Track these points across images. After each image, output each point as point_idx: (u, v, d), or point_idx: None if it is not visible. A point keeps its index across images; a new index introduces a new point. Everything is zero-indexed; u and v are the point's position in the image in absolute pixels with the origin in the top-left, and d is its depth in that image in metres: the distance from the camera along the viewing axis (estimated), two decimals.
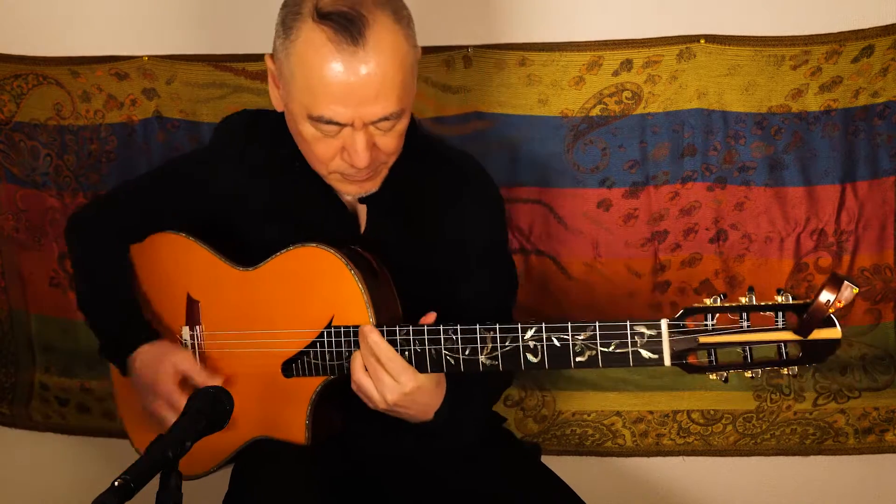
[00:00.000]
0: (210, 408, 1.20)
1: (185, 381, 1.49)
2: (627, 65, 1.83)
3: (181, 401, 1.46)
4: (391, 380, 1.32)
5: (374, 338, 1.32)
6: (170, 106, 2.05)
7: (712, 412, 1.99)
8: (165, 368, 1.49)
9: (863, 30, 1.75)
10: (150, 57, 2.03)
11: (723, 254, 1.90)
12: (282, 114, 1.40)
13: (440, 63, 1.89)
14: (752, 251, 1.90)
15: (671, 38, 1.80)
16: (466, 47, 1.87)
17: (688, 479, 2.05)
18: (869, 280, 1.88)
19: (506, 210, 1.57)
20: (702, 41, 1.79)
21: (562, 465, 1.50)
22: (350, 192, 1.43)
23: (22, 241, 2.21)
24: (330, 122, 1.29)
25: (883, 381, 1.92)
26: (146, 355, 1.53)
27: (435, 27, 1.89)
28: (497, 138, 1.91)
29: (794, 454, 1.99)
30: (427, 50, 1.88)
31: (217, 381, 1.47)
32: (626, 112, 1.86)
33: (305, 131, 1.33)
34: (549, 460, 1.54)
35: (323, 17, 1.25)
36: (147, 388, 1.52)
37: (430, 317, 1.35)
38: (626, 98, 1.85)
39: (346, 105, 1.27)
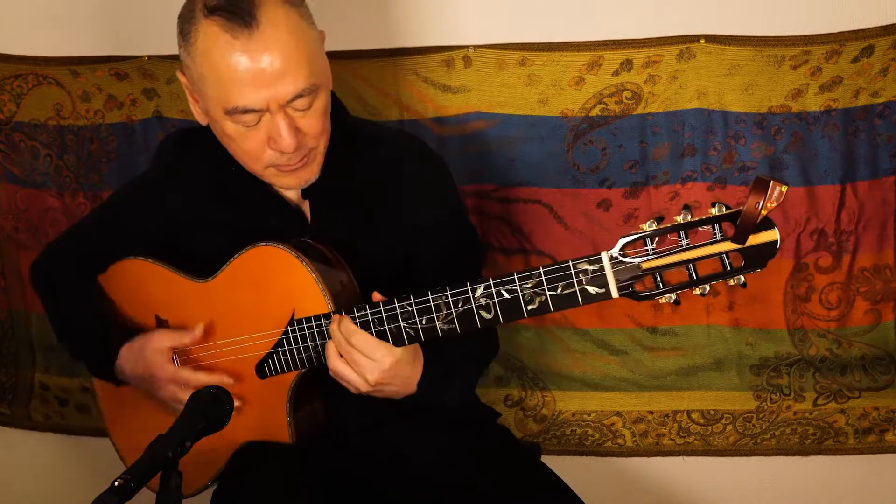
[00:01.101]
0: (210, 407, 1.20)
1: (177, 355, 1.51)
2: (627, 65, 1.83)
3: (185, 373, 1.47)
4: (367, 359, 1.33)
5: (343, 323, 1.33)
6: (170, 106, 2.05)
7: (712, 412, 1.99)
8: (152, 355, 1.49)
9: (863, 30, 1.75)
10: (150, 57, 2.03)
11: None
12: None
13: (440, 63, 1.89)
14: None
15: (671, 38, 1.80)
16: (466, 47, 1.87)
17: (688, 479, 2.05)
18: (869, 280, 1.88)
19: (453, 179, 1.58)
20: (702, 41, 1.79)
21: (562, 465, 1.50)
22: (289, 184, 1.43)
23: (22, 241, 2.21)
24: (246, 110, 1.30)
25: (883, 381, 1.92)
26: (129, 355, 1.53)
27: (435, 27, 1.90)
28: (497, 138, 1.91)
29: (794, 454, 1.99)
30: (427, 50, 1.89)
31: (198, 332, 1.47)
32: (626, 112, 1.86)
33: (229, 129, 1.34)
34: (549, 460, 1.54)
35: (212, 10, 1.28)
36: (149, 382, 1.52)
37: (376, 296, 1.36)
38: (626, 98, 1.85)
39: (257, 88, 1.28)
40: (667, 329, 1.96)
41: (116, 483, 1.04)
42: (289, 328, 1.41)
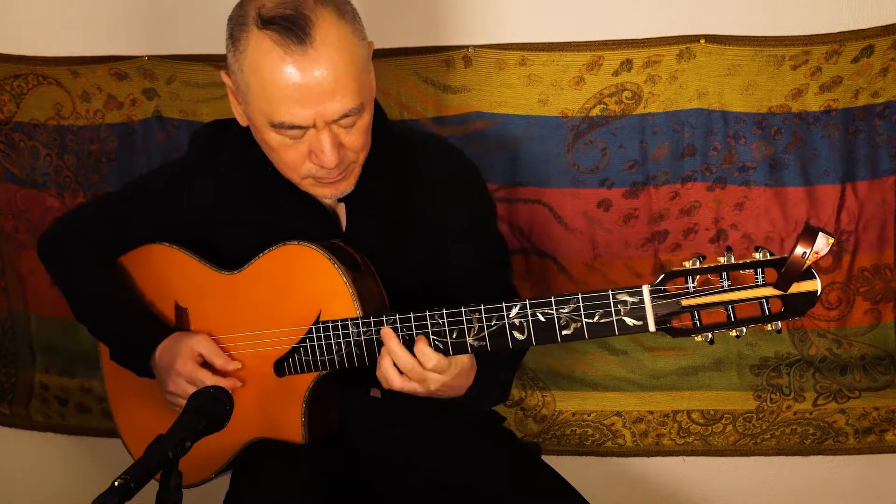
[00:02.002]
0: (210, 408, 1.20)
1: (205, 363, 1.49)
2: (627, 65, 1.83)
3: (203, 377, 1.45)
4: (436, 375, 1.31)
5: (420, 345, 1.31)
6: (170, 106, 2.05)
7: (712, 412, 1.99)
8: (184, 351, 1.48)
9: (863, 30, 1.75)
10: (150, 57, 2.03)
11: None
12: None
13: (440, 63, 1.89)
14: (752, 251, 1.89)
15: (671, 38, 1.80)
16: (466, 47, 1.87)
17: (688, 479, 2.05)
18: (869, 280, 1.88)
19: (486, 187, 1.57)
20: (702, 41, 1.79)
21: (562, 465, 1.50)
22: (325, 194, 1.42)
23: (22, 241, 2.21)
24: (292, 126, 1.29)
25: (883, 381, 1.92)
26: (164, 345, 1.52)
27: (435, 27, 1.90)
28: (497, 138, 1.91)
29: (794, 454, 1.99)
30: (427, 50, 1.89)
31: (236, 365, 1.46)
32: (626, 112, 1.86)
33: (271, 140, 1.33)
34: (549, 460, 1.54)
35: (266, 22, 1.26)
36: (166, 371, 1.50)
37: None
38: (626, 98, 1.85)
39: (305, 106, 1.27)
40: None
41: (116, 483, 1.04)
42: (313, 328, 1.40)
